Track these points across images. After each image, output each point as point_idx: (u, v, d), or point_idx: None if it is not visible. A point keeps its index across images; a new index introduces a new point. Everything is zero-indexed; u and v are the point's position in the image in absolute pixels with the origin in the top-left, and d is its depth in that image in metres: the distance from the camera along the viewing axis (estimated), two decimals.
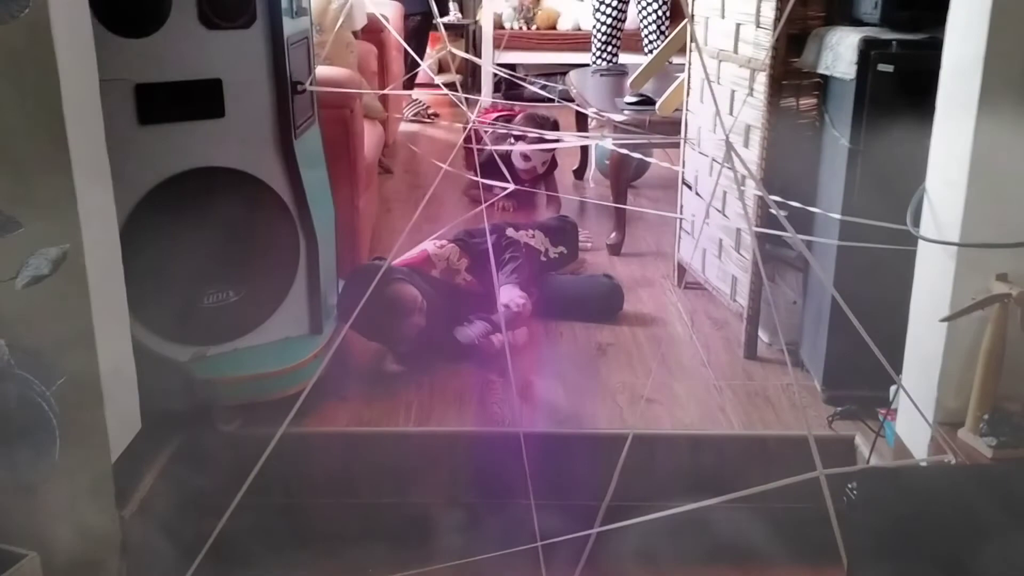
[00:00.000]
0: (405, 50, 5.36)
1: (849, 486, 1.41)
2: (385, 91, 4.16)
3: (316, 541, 2.18)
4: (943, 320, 1.77)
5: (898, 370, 2.03)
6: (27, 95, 1.62)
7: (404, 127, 5.46)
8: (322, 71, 2.78)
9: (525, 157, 3.89)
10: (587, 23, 6.47)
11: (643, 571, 2.04)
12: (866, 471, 1.42)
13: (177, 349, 2.21)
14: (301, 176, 2.29)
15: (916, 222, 1.90)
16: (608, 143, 3.39)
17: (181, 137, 2.11)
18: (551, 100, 5.33)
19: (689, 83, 3.09)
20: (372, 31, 4.36)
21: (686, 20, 3.26)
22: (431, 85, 5.74)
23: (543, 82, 4.80)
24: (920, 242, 1.91)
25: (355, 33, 3.96)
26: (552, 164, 4.07)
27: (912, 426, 1.99)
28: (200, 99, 2.10)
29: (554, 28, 6.74)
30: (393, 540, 2.14)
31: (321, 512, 2.25)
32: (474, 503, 2.21)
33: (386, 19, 4.62)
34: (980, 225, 1.76)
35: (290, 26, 2.21)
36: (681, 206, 3.17)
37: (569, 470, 2.24)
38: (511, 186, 1.83)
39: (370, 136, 3.35)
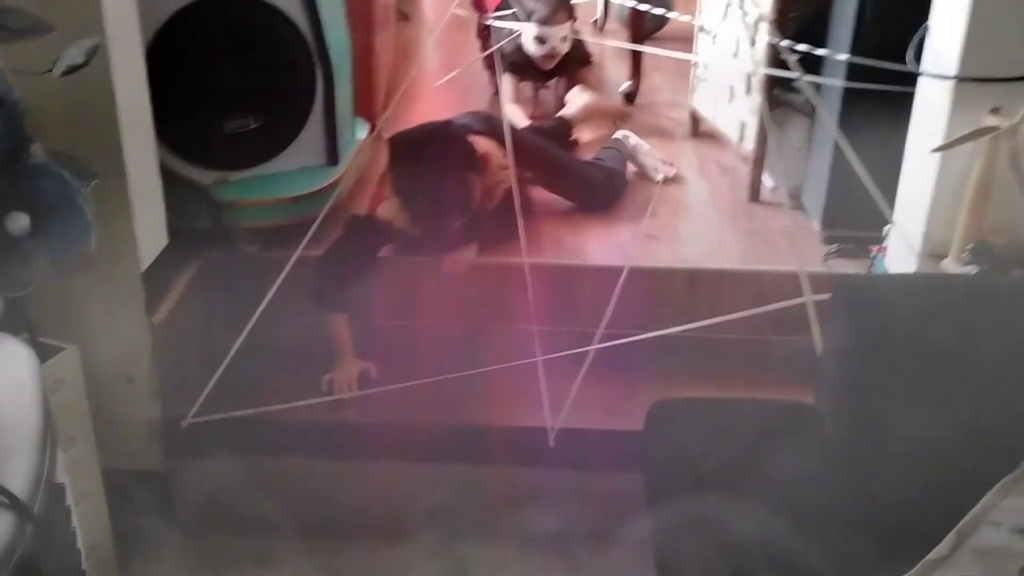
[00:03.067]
0: None
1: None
2: None
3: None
4: (935, 150, 1.84)
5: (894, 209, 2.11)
6: None
7: None
8: None
9: (539, 40, 3.25)
10: None
11: (638, 384, 2.15)
12: (842, 280, 1.51)
13: (201, 173, 2.30)
14: (318, 5, 2.34)
15: (917, 59, 1.94)
16: None
17: None
18: None
19: None
20: None
21: None
22: None
23: None
24: (919, 79, 1.95)
25: None
26: (580, 50, 3.41)
27: (901, 261, 2.09)
28: None
29: None
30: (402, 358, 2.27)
31: None
32: (483, 327, 2.34)
33: None
34: (977, 61, 1.81)
35: None
36: (697, 52, 3.18)
37: (573, 299, 2.37)
38: None
39: None
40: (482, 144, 2.41)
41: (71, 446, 1.74)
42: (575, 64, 3.38)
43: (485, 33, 3.59)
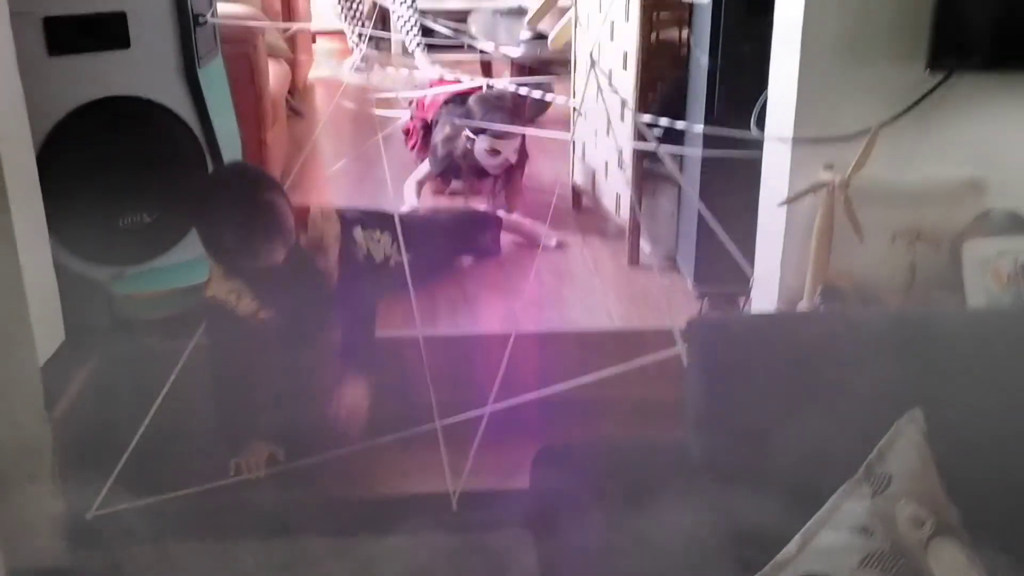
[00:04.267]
0: None
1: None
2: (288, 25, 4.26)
3: None
4: (780, 204, 2.03)
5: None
6: None
7: (351, 78, 5.42)
8: (224, 7, 2.91)
9: (493, 152, 3.23)
10: None
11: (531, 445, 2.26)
12: (697, 321, 1.66)
13: (96, 268, 2.36)
14: (207, 105, 2.45)
15: (760, 125, 2.15)
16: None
17: (89, 67, 2.26)
18: (460, 46, 5.43)
19: (576, 18, 3.30)
20: None
21: None
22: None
23: (453, 26, 4.95)
24: (765, 142, 2.16)
25: None
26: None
27: (764, 308, 2.26)
28: (106, 30, 2.24)
29: None
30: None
31: None
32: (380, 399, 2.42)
33: None
34: (810, 124, 2.01)
35: None
36: (573, 132, 3.39)
37: (467, 368, 2.47)
38: None
39: (275, 74, 3.49)
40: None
41: None
42: (514, 176, 3.41)
43: (423, 135, 3.64)
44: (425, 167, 3.39)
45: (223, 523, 2.20)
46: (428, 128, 3.54)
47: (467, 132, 3.23)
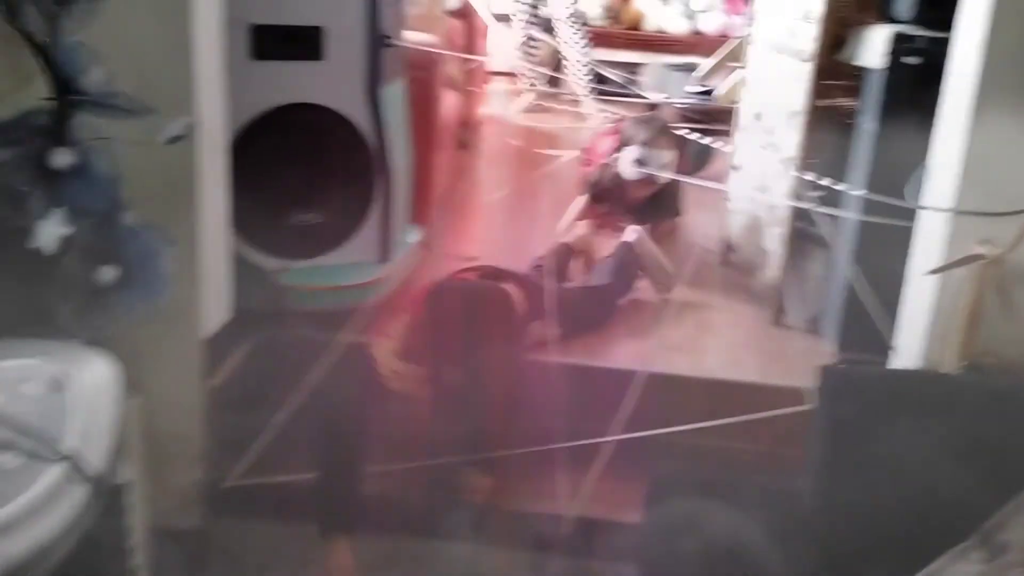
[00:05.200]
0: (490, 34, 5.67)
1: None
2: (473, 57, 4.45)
3: None
4: (929, 273, 2.00)
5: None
6: (162, 23, 1.96)
7: (519, 119, 5.61)
8: (412, 34, 3.10)
9: (639, 162, 3.22)
10: (671, 25, 6.72)
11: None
12: (830, 368, 1.66)
13: (266, 259, 2.55)
14: (384, 121, 2.62)
15: (915, 195, 2.14)
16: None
17: (284, 74, 2.45)
18: (628, 96, 5.51)
19: (745, 77, 3.34)
20: (463, 14, 4.68)
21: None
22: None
23: (628, 76, 5.06)
24: (921, 211, 2.14)
25: (447, 12, 4.29)
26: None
27: None
28: (303, 42, 2.44)
29: (638, 28, 6.99)
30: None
31: None
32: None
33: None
34: (970, 197, 1.99)
35: None
36: (728, 188, 3.41)
37: (595, 399, 2.52)
38: None
39: (449, 104, 3.67)
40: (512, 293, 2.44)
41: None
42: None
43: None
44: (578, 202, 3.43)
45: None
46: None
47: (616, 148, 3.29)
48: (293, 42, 2.43)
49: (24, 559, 0.97)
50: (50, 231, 1.48)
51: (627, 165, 3.26)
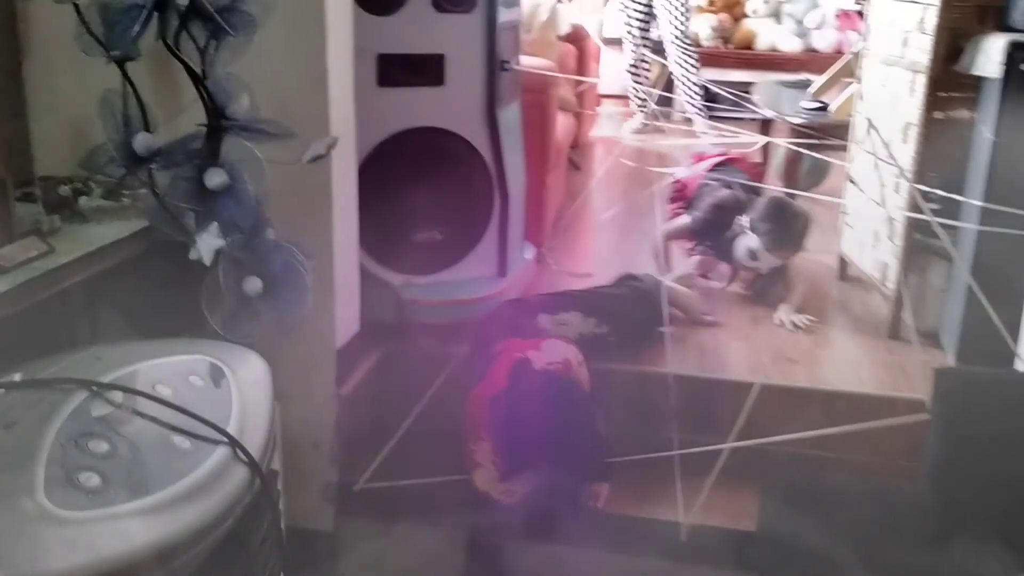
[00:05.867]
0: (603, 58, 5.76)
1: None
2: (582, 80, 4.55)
3: None
4: None
5: None
6: (300, 55, 2.11)
7: (630, 139, 5.67)
8: (526, 59, 3.21)
9: (752, 256, 3.05)
10: (783, 43, 6.69)
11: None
12: (945, 369, 1.67)
13: (391, 274, 2.68)
14: (501, 142, 2.72)
15: None
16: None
17: (409, 100, 2.58)
18: (740, 117, 5.51)
19: (860, 91, 3.33)
20: (575, 39, 4.79)
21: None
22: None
23: (741, 95, 5.06)
24: None
25: (559, 37, 4.40)
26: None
27: None
28: (426, 70, 2.57)
29: (750, 47, 6.98)
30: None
31: None
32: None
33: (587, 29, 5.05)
34: None
35: (503, 14, 2.65)
36: (844, 202, 3.40)
37: (712, 410, 2.56)
38: None
39: (562, 125, 3.77)
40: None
41: None
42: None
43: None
44: (681, 220, 3.36)
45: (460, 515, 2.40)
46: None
47: (743, 221, 3.09)
48: (417, 70, 2.56)
49: (195, 529, 1.09)
50: (208, 243, 1.63)
51: (741, 251, 3.09)
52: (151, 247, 1.87)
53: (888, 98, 3.03)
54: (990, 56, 2.46)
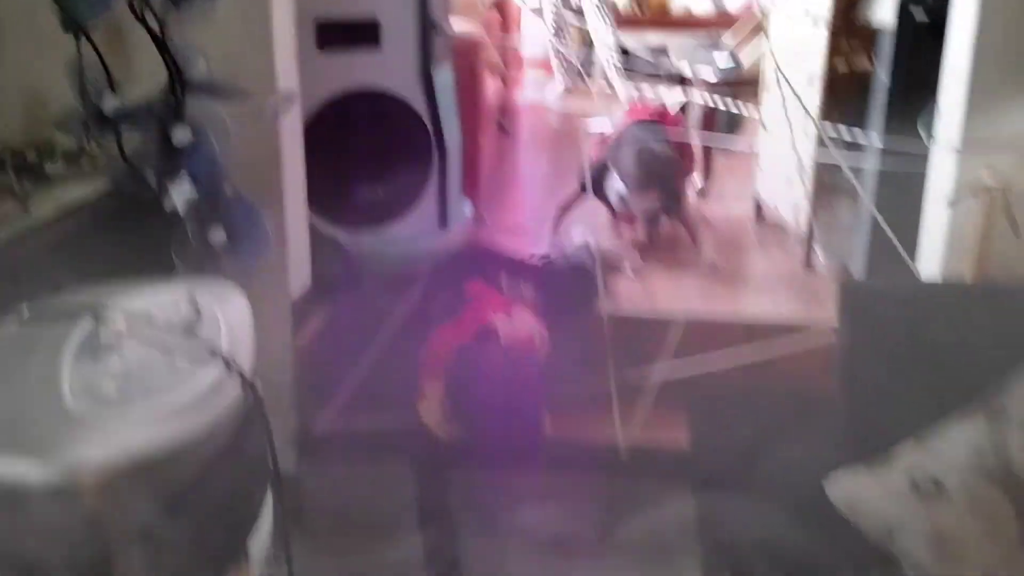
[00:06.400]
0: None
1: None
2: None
3: None
4: (949, 205, 2.22)
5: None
6: (246, 21, 2.22)
7: (555, 104, 5.80)
8: (456, 22, 3.35)
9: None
10: (696, 7, 6.92)
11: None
12: (849, 282, 1.88)
13: (338, 231, 2.81)
14: (437, 103, 2.87)
15: (928, 132, 2.35)
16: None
17: (347, 63, 2.71)
18: (658, 75, 5.70)
19: (770, 46, 3.55)
20: (500, 5, 4.94)
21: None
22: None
23: (657, 56, 5.26)
24: (933, 149, 2.35)
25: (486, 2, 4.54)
26: (674, 202, 3.30)
27: None
28: (363, 33, 2.70)
29: (664, 10, 7.19)
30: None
31: None
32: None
33: None
34: (976, 132, 2.20)
35: None
36: (758, 148, 3.63)
37: (644, 344, 2.76)
38: None
39: (490, 88, 3.92)
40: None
41: None
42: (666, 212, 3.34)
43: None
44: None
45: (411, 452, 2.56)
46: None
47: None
48: (353, 33, 2.69)
49: (198, 434, 1.23)
50: (181, 194, 1.75)
51: (613, 197, 3.29)
52: (117, 206, 1.98)
53: (794, 50, 3.25)
54: (884, 6, 2.69)
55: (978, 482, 1.38)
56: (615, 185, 3.26)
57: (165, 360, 1.30)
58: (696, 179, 4.02)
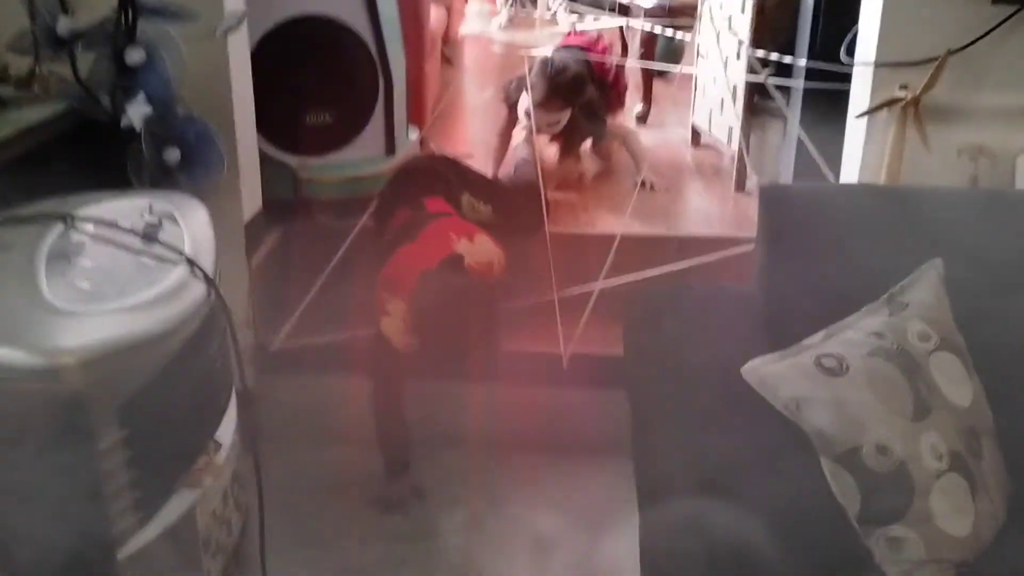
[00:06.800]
0: None
1: None
2: None
3: None
4: (858, 116, 2.36)
5: None
6: None
7: (498, 35, 5.87)
8: None
9: (528, 116, 3.27)
10: None
11: None
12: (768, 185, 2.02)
13: (288, 156, 2.89)
14: (381, 30, 2.94)
15: (850, 53, 2.48)
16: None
17: None
18: (600, 7, 5.77)
19: None
20: None
21: None
22: None
23: None
24: (854, 68, 2.48)
25: None
26: (593, 123, 3.41)
27: None
28: None
29: None
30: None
31: None
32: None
33: None
34: (890, 51, 2.34)
35: None
36: (695, 75, 3.75)
37: (583, 259, 2.89)
38: None
39: (434, 17, 3.98)
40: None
41: None
42: (584, 131, 3.43)
43: None
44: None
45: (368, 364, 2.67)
46: None
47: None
48: None
49: (165, 327, 1.34)
50: (137, 111, 1.82)
51: (522, 113, 3.35)
52: (72, 126, 2.04)
53: None
54: None
55: (876, 361, 1.54)
56: (524, 99, 3.30)
57: (132, 261, 1.39)
58: (638, 106, 4.15)
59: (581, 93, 3.33)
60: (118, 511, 1.26)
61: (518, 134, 3.41)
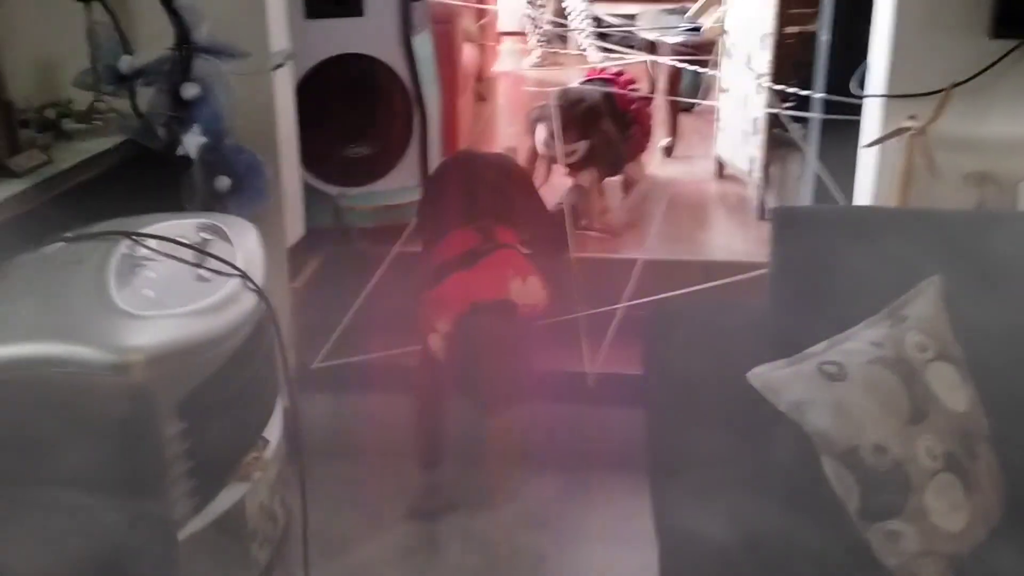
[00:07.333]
0: None
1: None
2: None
3: None
4: (868, 145, 2.48)
5: None
6: None
7: (530, 72, 6.06)
8: None
9: (545, 145, 3.35)
10: None
11: None
12: (779, 207, 2.14)
13: (328, 186, 3.06)
14: (417, 67, 3.11)
15: (860, 87, 2.61)
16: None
17: (333, 30, 2.95)
18: (630, 45, 5.93)
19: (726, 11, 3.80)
20: None
21: None
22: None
23: (627, 24, 5.50)
24: (864, 100, 2.60)
25: None
26: (609, 154, 3.42)
27: None
28: (347, 3, 2.93)
29: None
30: None
31: None
32: None
33: None
34: (899, 84, 2.46)
35: None
36: (717, 108, 3.89)
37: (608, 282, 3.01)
38: None
39: (467, 55, 4.16)
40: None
41: None
42: (602, 163, 3.43)
43: None
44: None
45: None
46: None
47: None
48: (339, 2, 2.92)
49: (222, 331, 1.48)
50: (193, 141, 1.99)
51: (539, 141, 3.40)
52: (129, 158, 2.22)
53: (750, 15, 3.50)
54: None
55: (875, 369, 1.64)
56: (539, 130, 3.37)
57: (190, 274, 1.55)
58: (665, 139, 4.29)
59: (596, 124, 3.38)
60: (177, 496, 1.40)
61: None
